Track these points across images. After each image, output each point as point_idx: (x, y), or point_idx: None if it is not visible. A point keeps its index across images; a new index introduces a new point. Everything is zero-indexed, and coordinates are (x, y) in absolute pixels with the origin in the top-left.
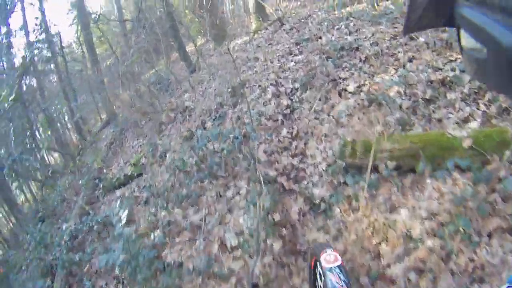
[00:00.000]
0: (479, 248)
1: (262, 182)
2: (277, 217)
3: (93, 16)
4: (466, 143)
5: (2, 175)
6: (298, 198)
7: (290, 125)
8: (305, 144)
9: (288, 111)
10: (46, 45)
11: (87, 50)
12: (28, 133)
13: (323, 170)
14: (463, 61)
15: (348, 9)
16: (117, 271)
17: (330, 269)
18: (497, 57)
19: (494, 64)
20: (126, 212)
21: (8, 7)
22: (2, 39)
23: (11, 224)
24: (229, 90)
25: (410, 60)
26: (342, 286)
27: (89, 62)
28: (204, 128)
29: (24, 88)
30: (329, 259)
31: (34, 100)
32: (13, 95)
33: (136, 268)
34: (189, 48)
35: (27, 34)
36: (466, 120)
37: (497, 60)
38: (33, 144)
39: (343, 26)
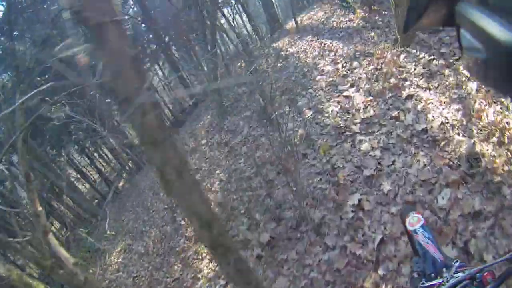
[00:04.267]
0: None
1: None
2: None
3: None
4: None
5: None
6: None
7: None
8: None
9: None
10: None
11: None
12: None
13: None
14: (463, 61)
15: None
16: None
17: (415, 231)
18: (497, 57)
19: (494, 64)
20: None
21: None
22: None
23: None
24: None
25: None
26: (427, 242)
27: None
28: None
29: None
30: (413, 222)
31: None
32: None
33: None
34: None
35: None
36: None
37: (497, 60)
38: None
39: None
